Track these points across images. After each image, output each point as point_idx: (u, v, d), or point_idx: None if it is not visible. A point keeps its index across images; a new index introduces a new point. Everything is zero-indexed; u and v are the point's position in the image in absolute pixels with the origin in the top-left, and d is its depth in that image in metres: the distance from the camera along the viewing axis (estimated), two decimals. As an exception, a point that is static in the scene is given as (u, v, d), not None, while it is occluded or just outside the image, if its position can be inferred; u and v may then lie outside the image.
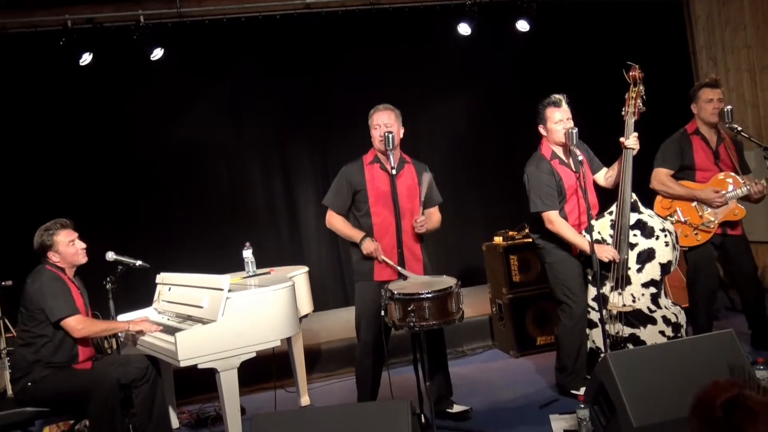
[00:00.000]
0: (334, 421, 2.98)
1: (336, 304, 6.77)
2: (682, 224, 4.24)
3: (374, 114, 3.90)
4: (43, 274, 3.77)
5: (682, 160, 4.29)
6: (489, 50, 7.02)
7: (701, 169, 4.26)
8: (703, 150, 4.28)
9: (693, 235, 4.25)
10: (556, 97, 4.06)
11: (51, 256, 3.80)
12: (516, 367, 4.94)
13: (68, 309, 3.70)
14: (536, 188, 3.98)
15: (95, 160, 6.28)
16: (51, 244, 3.79)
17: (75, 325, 3.70)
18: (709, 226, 4.21)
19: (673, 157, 4.31)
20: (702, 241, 4.24)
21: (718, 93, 4.26)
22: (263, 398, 4.71)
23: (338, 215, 3.96)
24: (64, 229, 3.85)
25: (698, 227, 4.23)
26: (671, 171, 4.31)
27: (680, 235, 4.18)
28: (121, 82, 6.28)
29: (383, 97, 4.07)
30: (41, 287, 3.70)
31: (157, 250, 5.55)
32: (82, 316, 3.77)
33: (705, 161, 4.26)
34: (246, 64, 6.65)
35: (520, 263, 5.16)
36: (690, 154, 4.28)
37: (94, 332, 3.85)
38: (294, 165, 6.94)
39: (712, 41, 6.92)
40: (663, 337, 3.89)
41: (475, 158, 7.14)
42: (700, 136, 4.30)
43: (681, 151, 4.30)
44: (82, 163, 6.24)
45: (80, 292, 3.91)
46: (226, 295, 3.47)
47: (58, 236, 3.80)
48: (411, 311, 3.35)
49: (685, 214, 4.25)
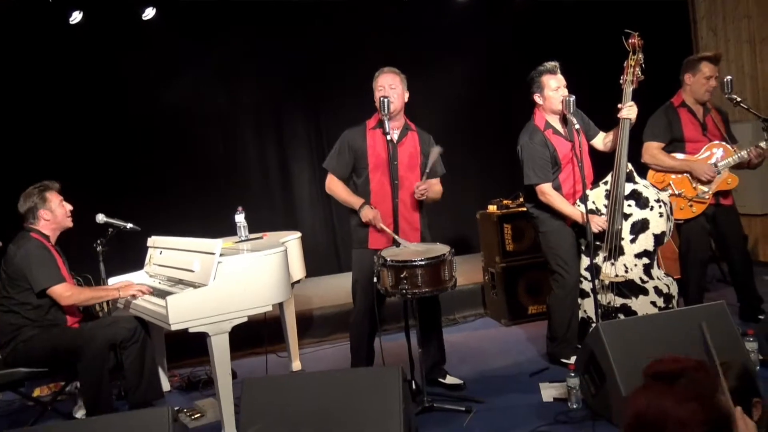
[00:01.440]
0: (326, 386, 2.99)
1: (329, 270, 6.77)
2: (676, 197, 4.22)
3: (379, 76, 3.82)
4: (28, 242, 3.72)
5: (672, 132, 4.26)
6: (489, 16, 6.93)
7: (690, 140, 4.24)
8: (691, 122, 4.26)
9: (688, 207, 4.24)
10: (552, 64, 4.00)
11: (43, 214, 3.78)
12: (507, 336, 4.96)
13: (55, 278, 3.68)
14: (529, 160, 3.94)
15: (86, 121, 6.18)
16: (45, 202, 3.78)
17: (63, 293, 3.68)
18: (704, 197, 4.19)
19: (663, 130, 4.28)
20: (697, 213, 4.23)
21: (716, 70, 4.22)
22: (254, 363, 4.72)
23: (338, 180, 3.89)
24: (53, 189, 3.84)
25: (693, 199, 4.22)
26: (662, 144, 4.28)
27: (675, 208, 4.17)
28: (113, 42, 6.15)
29: (380, 62, 3.99)
30: (27, 256, 3.66)
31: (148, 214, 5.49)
32: (68, 284, 3.75)
33: (694, 133, 4.24)
34: (241, 27, 6.52)
35: (513, 232, 5.15)
36: (678, 126, 4.25)
37: (81, 300, 3.83)
38: (288, 130, 6.88)
39: (713, 10, 6.82)
40: (654, 308, 3.90)
41: (472, 125, 7.09)
42: (686, 108, 4.28)
43: (669, 123, 4.27)
44: (72, 124, 6.14)
45: (63, 261, 3.88)
46: (218, 259, 3.45)
47: (51, 195, 3.80)
48: (404, 278, 3.34)
49: (679, 187, 4.23)
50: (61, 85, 6.08)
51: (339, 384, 2.98)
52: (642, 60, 3.82)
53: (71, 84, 6.11)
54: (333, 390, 2.95)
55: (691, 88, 4.28)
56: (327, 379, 3.06)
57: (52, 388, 4.49)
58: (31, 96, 6.02)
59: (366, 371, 3.43)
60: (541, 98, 4.00)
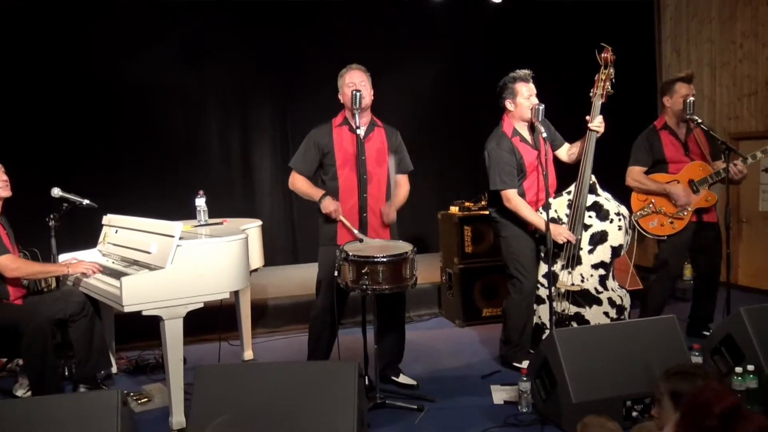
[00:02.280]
0: (281, 377, 2.96)
1: (284, 261, 6.72)
2: (657, 214, 4.33)
3: (347, 72, 3.80)
4: None
5: (653, 155, 4.38)
6: (460, 19, 6.95)
7: (672, 161, 4.35)
8: (672, 143, 4.37)
9: (669, 224, 4.34)
10: (525, 72, 4.04)
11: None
12: (460, 337, 5.00)
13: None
14: (496, 166, 3.97)
15: (44, 91, 5.96)
16: None
17: (9, 264, 3.56)
18: (683, 214, 4.30)
19: (644, 153, 4.40)
20: (678, 229, 4.33)
21: (692, 89, 4.33)
22: (205, 349, 4.65)
23: (301, 177, 3.87)
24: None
25: (673, 216, 4.32)
26: (644, 168, 4.40)
27: (656, 225, 4.31)
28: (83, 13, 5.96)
29: (350, 57, 3.97)
30: None
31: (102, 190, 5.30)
32: (14, 256, 3.62)
33: (675, 154, 4.35)
34: (213, 6, 6.39)
35: (473, 234, 5.19)
36: (660, 148, 4.37)
37: (28, 273, 3.71)
38: (253, 116, 6.79)
39: (677, 32, 7.00)
40: (607, 318, 3.98)
41: (436, 126, 7.11)
42: (668, 130, 4.39)
43: (651, 147, 4.39)
44: (29, 94, 5.92)
45: (6, 231, 3.75)
46: (177, 243, 3.37)
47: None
48: (365, 274, 3.33)
49: (659, 205, 4.33)
50: (20, 53, 5.86)
51: (294, 376, 2.95)
52: (613, 75, 3.89)
53: (31, 53, 5.89)
54: (288, 381, 2.92)
55: (671, 110, 4.39)
56: (283, 371, 3.03)
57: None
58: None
59: (323, 364, 3.40)
60: (512, 104, 4.03)
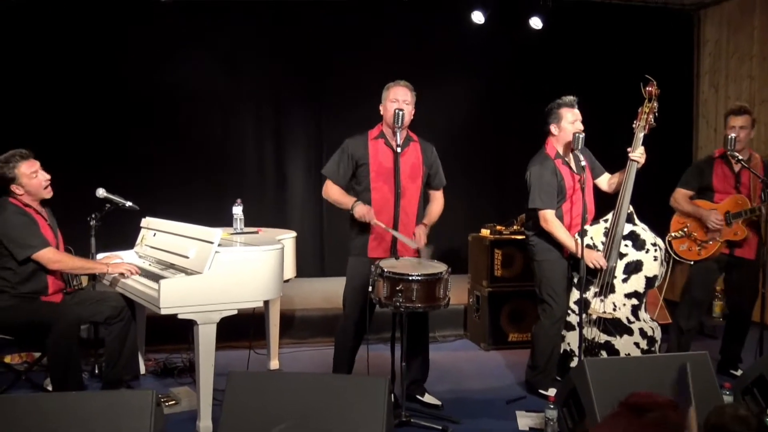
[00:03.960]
0: (311, 388, 2.97)
1: (312, 273, 6.72)
2: (689, 239, 4.36)
3: (393, 87, 3.83)
4: (6, 209, 3.63)
5: (702, 181, 4.41)
6: (498, 43, 6.98)
7: (719, 191, 4.36)
8: (724, 174, 4.37)
9: (696, 249, 4.36)
10: (571, 99, 4.08)
11: (14, 189, 3.67)
12: (486, 360, 4.99)
13: (37, 243, 3.60)
14: (537, 185, 3.99)
15: (87, 95, 6.11)
16: (13, 177, 3.64)
17: (51, 257, 3.61)
18: (709, 243, 4.31)
19: (692, 178, 4.45)
20: (704, 257, 4.34)
21: (741, 120, 4.28)
22: (231, 356, 4.67)
23: (335, 185, 3.91)
24: (25, 160, 3.67)
25: (702, 243, 4.33)
26: (689, 192, 4.42)
27: (685, 249, 4.34)
28: (123, 18, 6.10)
29: (387, 71, 4.02)
30: (5, 222, 3.58)
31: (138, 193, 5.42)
32: (55, 249, 3.68)
33: (723, 184, 4.36)
34: (253, 16, 6.49)
35: (504, 258, 5.18)
36: (709, 176, 4.39)
37: (70, 267, 3.78)
38: (288, 126, 6.85)
39: (716, 68, 6.98)
40: (637, 349, 3.96)
41: (470, 147, 7.11)
42: (724, 160, 4.38)
43: (701, 173, 4.43)
44: (73, 97, 6.07)
45: (49, 224, 3.80)
46: (216, 249, 3.42)
47: (19, 168, 3.65)
48: (399, 291, 3.35)
49: (693, 230, 4.36)
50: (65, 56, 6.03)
51: (325, 387, 2.97)
52: (656, 108, 3.92)
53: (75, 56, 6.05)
54: (318, 393, 2.93)
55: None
56: (313, 382, 3.04)
57: (24, 357, 4.41)
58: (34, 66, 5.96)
59: (353, 378, 3.42)
60: (557, 129, 4.05)
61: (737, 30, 6.73)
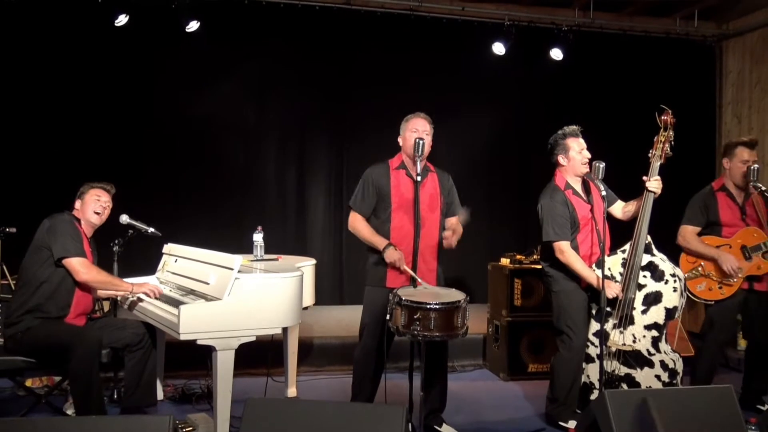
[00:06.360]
0: (329, 416, 2.96)
1: (331, 301, 6.76)
2: (706, 278, 4.25)
3: (412, 119, 3.88)
4: (60, 216, 3.85)
5: (708, 216, 4.31)
6: (519, 73, 7.06)
7: (727, 224, 4.27)
8: (729, 206, 4.30)
9: (717, 289, 4.24)
10: (574, 128, 4.10)
11: (76, 203, 3.94)
12: (505, 391, 4.94)
13: (74, 250, 3.73)
14: (549, 218, 3.99)
15: (115, 121, 6.29)
16: (81, 194, 3.95)
17: (79, 267, 3.72)
18: (733, 280, 4.20)
19: (698, 214, 4.32)
20: (726, 295, 4.22)
21: (754, 155, 4.27)
22: (249, 383, 4.66)
23: (362, 218, 3.91)
24: (103, 189, 3.99)
25: (722, 281, 4.22)
26: (697, 228, 4.31)
27: (704, 289, 4.22)
28: (151, 48, 6.29)
29: (408, 102, 4.08)
30: (54, 225, 3.77)
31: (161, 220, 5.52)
32: (88, 261, 3.78)
33: (731, 217, 4.28)
34: (278, 48, 6.66)
35: (523, 288, 5.16)
36: (715, 210, 4.30)
37: (97, 280, 3.84)
38: (310, 155, 6.95)
39: (739, 98, 6.96)
40: (658, 382, 3.89)
41: (489, 176, 7.16)
42: (726, 192, 4.33)
43: (706, 207, 4.32)
44: (101, 122, 6.25)
45: (91, 249, 3.94)
46: (236, 275, 3.46)
47: (93, 190, 3.95)
48: (417, 320, 3.33)
49: (708, 269, 4.24)
50: (96, 82, 6.23)
51: (342, 416, 2.96)
52: (672, 137, 3.90)
53: (106, 83, 6.25)
54: (335, 421, 2.92)
55: (729, 173, 4.34)
56: (331, 410, 3.03)
57: (44, 381, 4.46)
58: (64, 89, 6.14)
59: (371, 407, 3.40)
60: (565, 159, 4.06)
61: (760, 61, 6.73)
